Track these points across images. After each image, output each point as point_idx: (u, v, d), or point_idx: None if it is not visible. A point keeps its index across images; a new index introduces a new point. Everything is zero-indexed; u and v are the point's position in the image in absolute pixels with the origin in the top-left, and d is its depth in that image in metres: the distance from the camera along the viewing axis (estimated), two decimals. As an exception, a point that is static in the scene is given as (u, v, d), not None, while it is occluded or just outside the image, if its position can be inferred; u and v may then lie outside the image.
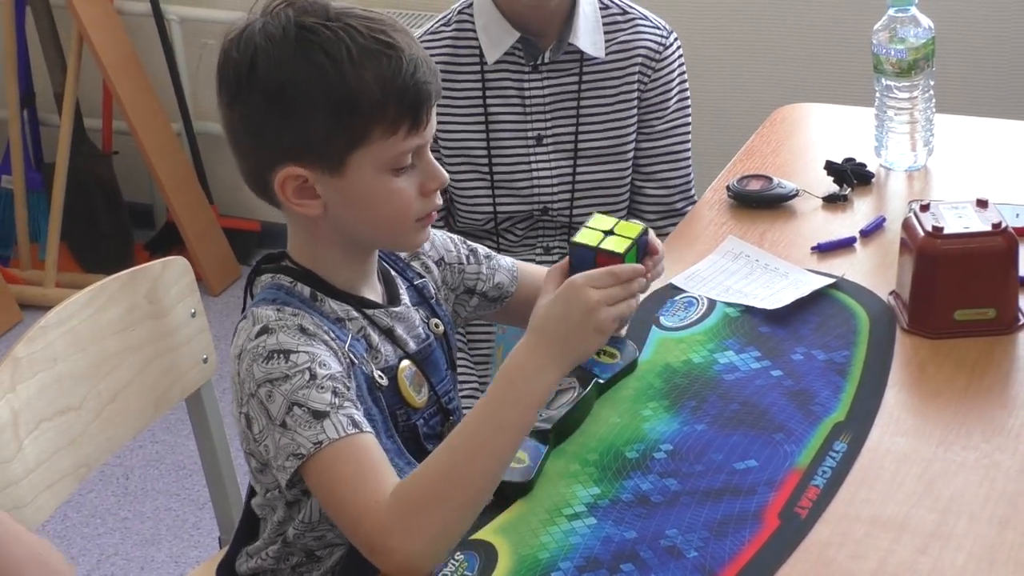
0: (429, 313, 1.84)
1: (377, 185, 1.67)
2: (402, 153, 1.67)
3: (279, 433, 1.60)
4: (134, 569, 3.13)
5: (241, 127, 1.68)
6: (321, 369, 1.62)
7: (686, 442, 1.79)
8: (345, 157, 1.65)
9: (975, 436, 1.78)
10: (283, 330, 1.64)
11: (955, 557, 1.58)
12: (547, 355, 1.61)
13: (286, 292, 1.70)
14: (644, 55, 2.35)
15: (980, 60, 3.52)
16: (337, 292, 1.72)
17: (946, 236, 1.98)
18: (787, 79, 3.69)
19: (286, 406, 1.60)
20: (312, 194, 1.67)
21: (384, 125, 1.64)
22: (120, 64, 4.06)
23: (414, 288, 1.84)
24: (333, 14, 1.66)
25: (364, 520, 1.56)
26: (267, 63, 1.64)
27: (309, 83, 1.62)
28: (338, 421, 1.59)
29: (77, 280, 4.07)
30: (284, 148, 1.65)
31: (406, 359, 1.76)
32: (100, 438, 1.98)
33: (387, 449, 1.66)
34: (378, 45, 1.64)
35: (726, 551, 1.60)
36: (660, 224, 2.42)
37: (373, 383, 1.70)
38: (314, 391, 1.60)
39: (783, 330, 2.01)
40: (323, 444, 1.58)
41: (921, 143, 2.43)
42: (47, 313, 1.92)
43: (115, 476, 3.39)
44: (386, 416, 1.71)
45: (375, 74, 1.63)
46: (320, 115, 1.63)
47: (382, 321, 1.75)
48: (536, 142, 2.35)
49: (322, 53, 1.62)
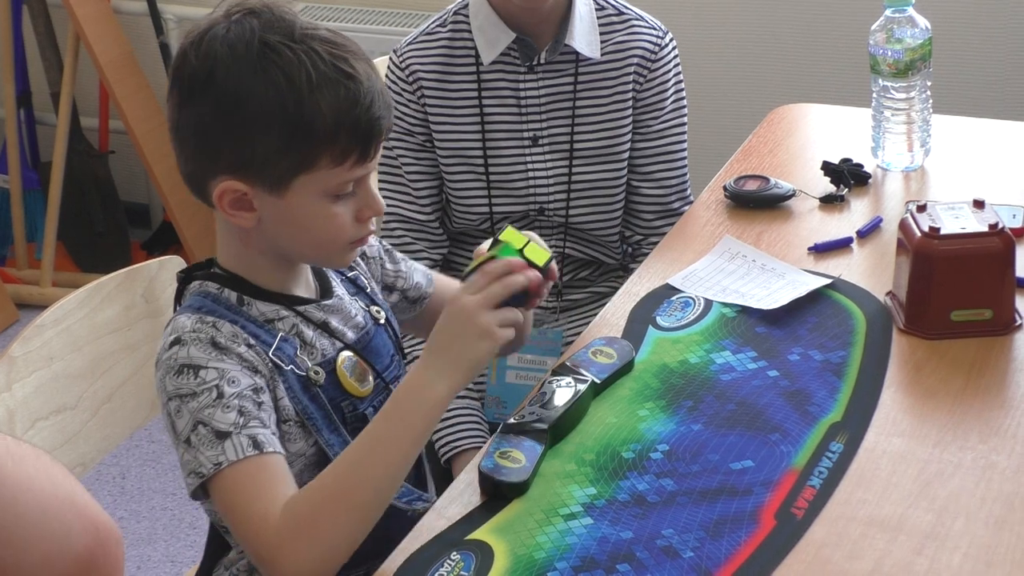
0: (368, 302, 1.85)
1: (315, 209, 1.67)
2: (345, 182, 1.67)
3: (183, 449, 1.63)
4: (130, 568, 3.13)
5: (188, 130, 1.67)
6: (229, 387, 1.63)
7: (682, 442, 1.79)
8: (289, 180, 1.65)
9: (972, 437, 1.78)
10: (195, 343, 1.64)
11: (951, 558, 1.58)
12: (434, 368, 1.64)
13: (212, 299, 1.71)
14: (640, 56, 2.35)
15: (977, 61, 3.52)
16: (266, 293, 1.73)
17: (943, 237, 1.98)
18: (784, 79, 3.69)
19: (191, 424, 1.62)
20: (249, 207, 1.67)
21: (333, 154, 1.65)
22: (117, 63, 4.05)
23: (348, 280, 1.85)
24: (298, 35, 1.65)
25: (255, 538, 1.59)
26: (225, 75, 1.63)
27: (265, 103, 1.62)
28: (239, 443, 1.61)
29: (73, 279, 4.06)
30: (229, 161, 1.65)
31: (345, 350, 1.76)
32: (96, 437, 1.98)
33: (331, 444, 1.69)
34: (338, 74, 1.64)
35: (722, 551, 1.60)
36: (657, 224, 2.42)
37: (308, 381, 1.71)
38: (219, 411, 1.62)
39: (780, 330, 2.01)
40: (222, 465, 1.60)
41: (918, 144, 2.43)
42: (43, 312, 1.92)
43: (111, 475, 3.38)
44: (327, 412, 1.72)
45: (331, 103, 1.63)
46: (271, 136, 1.63)
47: (314, 316, 1.75)
48: (532, 142, 2.35)
49: (282, 74, 1.62)
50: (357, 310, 1.81)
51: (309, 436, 1.71)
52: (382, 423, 1.63)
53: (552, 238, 2.40)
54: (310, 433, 1.71)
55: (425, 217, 2.38)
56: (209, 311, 1.69)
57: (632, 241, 2.45)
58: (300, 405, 1.69)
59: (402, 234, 2.39)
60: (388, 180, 2.40)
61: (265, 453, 1.61)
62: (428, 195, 2.38)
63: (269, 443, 1.62)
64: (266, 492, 1.60)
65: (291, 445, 1.70)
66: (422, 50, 2.35)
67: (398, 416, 1.63)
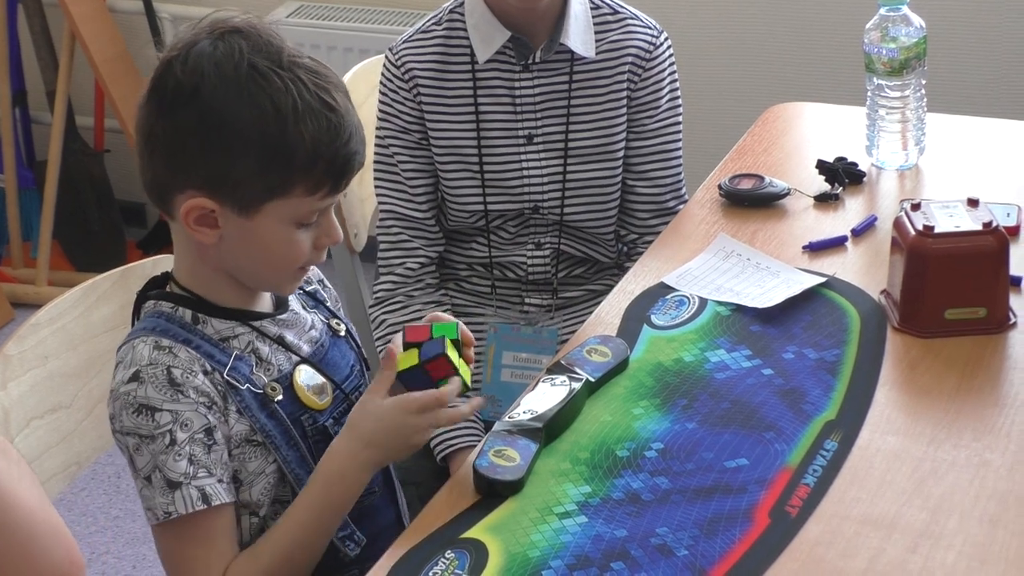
0: (328, 315, 1.86)
1: (280, 234, 1.69)
2: (314, 211, 1.69)
3: (143, 484, 1.69)
4: (125, 567, 3.13)
5: (163, 141, 1.67)
6: (181, 432, 1.66)
7: (677, 441, 1.79)
8: (260, 204, 1.66)
9: (966, 435, 1.78)
10: (151, 382, 1.66)
11: (945, 556, 1.59)
12: (364, 462, 1.71)
13: (166, 319, 1.72)
14: (634, 55, 2.35)
15: (972, 59, 3.53)
16: (221, 310, 1.74)
17: (937, 235, 1.98)
18: (779, 78, 3.69)
19: (151, 466, 1.67)
20: (213, 224, 1.68)
21: (307, 184, 1.66)
22: (112, 62, 4.05)
23: (307, 294, 1.86)
24: (286, 62, 1.66)
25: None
26: (211, 93, 1.63)
27: (249, 126, 1.63)
28: (188, 495, 1.65)
29: (69, 279, 4.06)
30: (202, 177, 1.66)
31: (302, 364, 1.77)
32: (91, 436, 1.98)
33: (289, 460, 1.73)
34: (321, 105, 1.65)
35: (716, 549, 1.61)
36: (652, 222, 2.42)
37: (265, 398, 1.72)
38: (171, 459, 1.66)
39: (774, 329, 2.01)
40: (171, 515, 1.66)
41: (912, 142, 2.43)
42: (38, 311, 1.92)
43: (106, 475, 3.38)
44: (286, 427, 1.73)
45: (313, 133, 1.64)
46: (250, 159, 1.64)
47: (270, 330, 1.76)
48: (527, 141, 2.35)
49: (269, 100, 1.63)
50: (314, 323, 1.82)
51: (269, 454, 1.73)
52: (311, 512, 1.71)
53: (547, 236, 2.40)
54: (269, 451, 1.73)
55: (421, 214, 2.38)
56: (164, 331, 1.70)
57: (627, 240, 2.45)
58: (258, 423, 1.71)
59: (398, 231, 2.39)
60: (384, 178, 2.40)
61: (212, 507, 1.66)
62: (424, 192, 2.38)
63: (216, 495, 1.67)
64: (205, 555, 1.68)
65: (249, 464, 1.73)
66: (418, 48, 2.35)
67: (327, 503, 1.71)
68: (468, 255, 2.44)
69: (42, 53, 4.18)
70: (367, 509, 1.79)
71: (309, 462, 1.74)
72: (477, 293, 2.46)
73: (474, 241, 2.43)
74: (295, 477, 1.73)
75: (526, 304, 2.44)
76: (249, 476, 1.72)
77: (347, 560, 1.77)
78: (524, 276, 2.43)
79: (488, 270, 2.44)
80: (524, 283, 2.44)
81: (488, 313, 2.45)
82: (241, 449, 1.71)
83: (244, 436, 1.71)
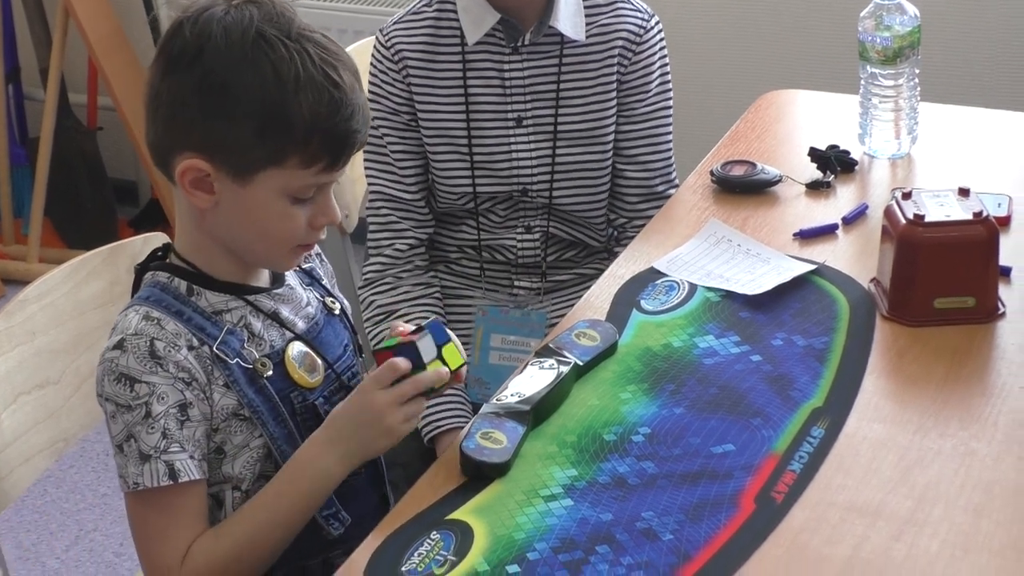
0: (323, 293, 1.86)
1: (273, 205, 1.69)
2: (309, 186, 1.69)
3: (116, 452, 1.70)
4: (113, 545, 3.13)
5: (166, 101, 1.68)
6: (157, 405, 1.67)
7: (664, 425, 1.79)
8: (255, 171, 1.66)
9: (952, 424, 1.79)
10: (134, 352, 1.67)
11: (929, 544, 1.59)
12: (335, 453, 1.70)
13: (161, 289, 1.72)
14: (624, 39, 2.35)
15: (965, 49, 3.52)
16: (217, 283, 1.74)
17: (927, 224, 1.98)
18: (773, 65, 3.69)
19: (125, 434, 1.68)
20: (209, 188, 1.68)
21: (302, 156, 1.66)
22: (106, 39, 4.04)
23: (303, 271, 1.86)
24: (295, 33, 1.66)
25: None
26: (215, 56, 1.64)
27: (248, 91, 1.63)
28: (155, 469, 1.67)
29: (60, 256, 4.05)
30: (199, 139, 1.66)
31: (295, 340, 1.77)
32: (79, 412, 1.98)
33: (276, 436, 1.73)
34: (325, 79, 1.65)
35: (701, 534, 1.61)
36: (642, 207, 2.42)
37: (254, 373, 1.72)
38: (145, 431, 1.67)
39: (763, 315, 2.01)
40: (139, 487, 1.67)
41: (905, 131, 2.43)
42: (26, 287, 1.92)
43: (95, 452, 3.38)
44: (274, 403, 1.74)
45: (312, 106, 1.64)
46: (247, 125, 1.64)
47: (265, 305, 1.76)
48: (516, 124, 2.35)
49: (271, 67, 1.63)
50: (310, 300, 1.82)
51: (255, 428, 1.73)
52: (279, 500, 1.71)
53: (537, 218, 2.40)
54: (256, 426, 1.73)
55: (411, 196, 2.38)
56: (157, 301, 1.70)
57: (617, 224, 2.45)
58: (245, 398, 1.71)
59: (387, 213, 2.39)
60: (374, 159, 2.40)
61: (179, 484, 1.67)
62: (413, 174, 2.38)
63: (186, 471, 1.67)
64: (173, 531, 1.69)
65: (235, 437, 1.73)
66: (408, 30, 2.35)
67: (296, 494, 1.71)
68: (458, 237, 2.44)
69: (36, 29, 4.17)
70: (351, 490, 1.79)
71: (297, 439, 1.74)
72: (466, 275, 2.46)
73: (464, 223, 2.43)
74: (281, 454, 1.73)
75: (515, 287, 2.44)
76: (233, 449, 1.73)
77: (330, 539, 1.77)
78: (513, 259, 2.43)
79: (477, 252, 2.44)
80: (513, 266, 2.44)
81: (477, 295, 2.45)
82: (228, 423, 1.71)
83: (231, 410, 1.71)
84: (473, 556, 1.59)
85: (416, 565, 1.58)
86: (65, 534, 3.17)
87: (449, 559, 1.58)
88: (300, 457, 1.71)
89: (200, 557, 1.69)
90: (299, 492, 1.71)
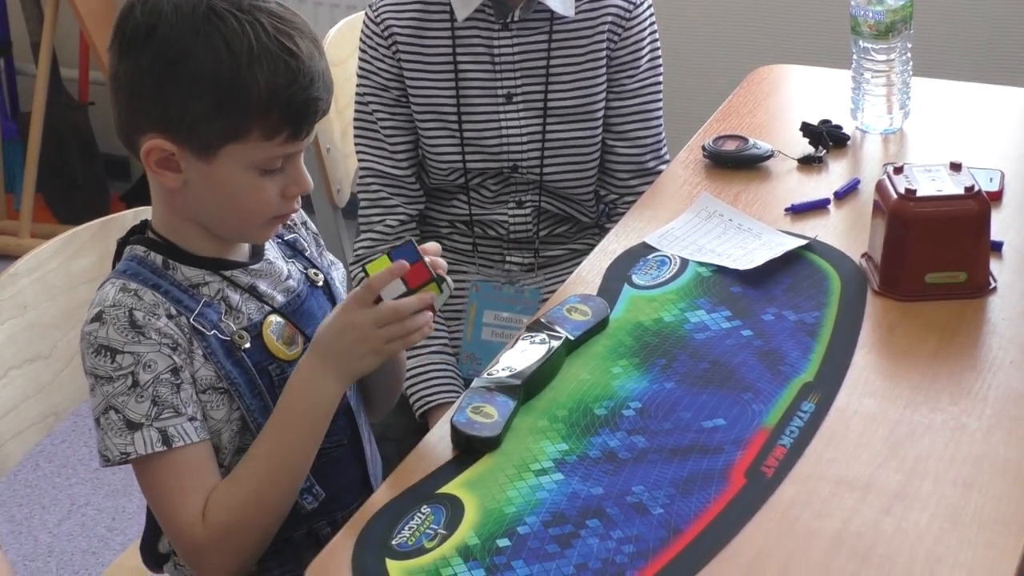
0: (306, 264, 1.85)
1: (241, 180, 1.68)
2: (274, 157, 1.68)
3: (94, 425, 1.69)
4: (105, 519, 3.13)
5: (124, 81, 1.67)
6: (144, 373, 1.66)
7: (655, 400, 1.79)
8: (217, 147, 1.65)
9: (943, 399, 1.79)
10: (113, 323, 1.67)
11: (919, 517, 1.59)
12: (326, 373, 1.70)
13: (138, 262, 1.72)
14: (614, 15, 2.35)
15: (958, 24, 3.52)
16: (193, 258, 1.73)
17: (919, 199, 1.98)
18: (765, 40, 3.68)
19: (103, 407, 1.67)
20: (175, 167, 1.68)
21: (264, 128, 1.65)
22: (97, 13, 4.03)
23: (285, 243, 1.85)
24: (247, 5, 1.65)
25: (181, 538, 1.71)
26: (167, 33, 1.63)
27: (202, 67, 1.62)
28: (148, 437, 1.66)
29: (52, 231, 4.04)
30: (158, 118, 1.65)
31: (273, 314, 1.77)
32: (69, 387, 1.98)
33: (252, 408, 1.73)
34: (280, 49, 1.64)
35: (692, 508, 1.61)
36: (632, 183, 2.42)
37: (232, 345, 1.72)
38: (133, 400, 1.66)
39: (755, 290, 2.01)
40: (130, 456, 1.67)
41: (897, 106, 2.43)
42: (16, 261, 1.92)
43: (87, 427, 3.38)
44: (251, 376, 1.73)
45: (268, 77, 1.63)
46: (203, 101, 1.63)
47: (241, 280, 1.76)
48: (506, 100, 2.35)
49: (223, 41, 1.62)
50: (291, 273, 1.81)
51: (233, 402, 1.73)
52: (283, 429, 1.70)
53: (528, 193, 2.40)
54: (234, 399, 1.73)
55: (401, 172, 2.38)
56: (134, 275, 1.70)
57: (607, 200, 2.45)
58: (223, 369, 1.71)
59: (378, 188, 2.38)
60: (364, 135, 2.40)
61: (174, 448, 1.67)
62: (404, 150, 2.38)
63: (180, 435, 1.67)
64: (182, 493, 1.69)
65: (215, 412, 1.73)
66: (397, 5, 2.34)
67: (297, 420, 1.70)
68: (449, 213, 2.44)
69: (27, 3, 4.16)
70: (331, 463, 1.79)
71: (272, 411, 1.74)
72: (458, 251, 2.45)
73: (455, 199, 2.42)
74: (257, 426, 1.73)
75: (508, 262, 2.44)
76: (216, 424, 1.72)
77: (303, 512, 1.78)
78: (505, 234, 2.43)
79: (469, 228, 2.44)
80: (505, 241, 2.44)
81: (470, 271, 2.45)
82: (208, 396, 1.71)
83: (210, 383, 1.71)
84: (463, 530, 1.59)
85: (407, 539, 1.58)
86: (57, 508, 3.17)
87: (440, 533, 1.59)
88: (294, 382, 1.70)
89: (218, 508, 1.68)
90: (301, 413, 1.70)
